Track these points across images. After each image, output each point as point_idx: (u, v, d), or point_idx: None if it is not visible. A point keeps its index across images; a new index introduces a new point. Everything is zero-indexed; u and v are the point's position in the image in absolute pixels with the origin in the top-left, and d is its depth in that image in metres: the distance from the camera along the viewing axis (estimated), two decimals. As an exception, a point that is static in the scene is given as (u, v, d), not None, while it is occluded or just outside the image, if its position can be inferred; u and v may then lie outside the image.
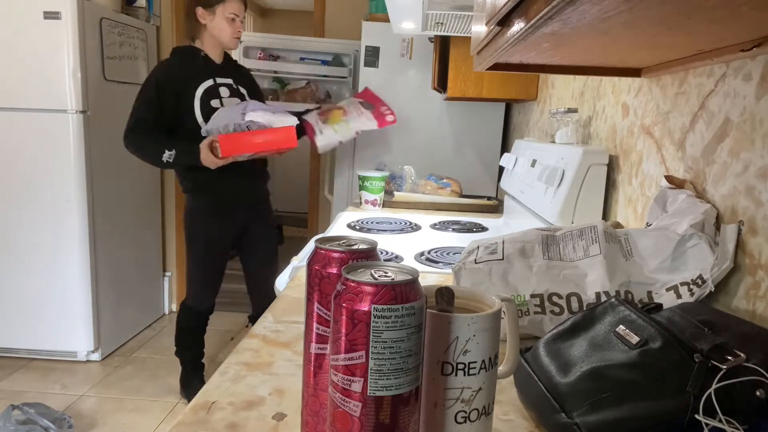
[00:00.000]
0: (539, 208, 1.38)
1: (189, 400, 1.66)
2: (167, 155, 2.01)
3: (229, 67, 2.23)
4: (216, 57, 2.16)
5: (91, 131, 2.62)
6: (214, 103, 2.11)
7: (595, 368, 0.55)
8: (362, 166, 2.56)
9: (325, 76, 3.25)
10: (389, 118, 2.21)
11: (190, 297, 2.36)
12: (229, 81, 2.17)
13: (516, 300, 0.80)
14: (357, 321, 0.41)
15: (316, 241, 0.51)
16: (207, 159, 1.99)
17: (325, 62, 3.28)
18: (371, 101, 2.23)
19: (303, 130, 2.21)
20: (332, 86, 3.28)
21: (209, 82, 2.11)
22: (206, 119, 2.07)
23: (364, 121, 2.18)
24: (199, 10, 2.07)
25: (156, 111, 2.05)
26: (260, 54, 3.32)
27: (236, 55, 3.39)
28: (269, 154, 2.05)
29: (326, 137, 2.16)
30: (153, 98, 2.05)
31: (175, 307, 3.53)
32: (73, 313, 2.70)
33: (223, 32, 2.09)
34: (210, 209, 2.21)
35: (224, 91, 2.14)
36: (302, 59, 3.30)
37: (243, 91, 2.20)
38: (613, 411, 0.51)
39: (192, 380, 2.43)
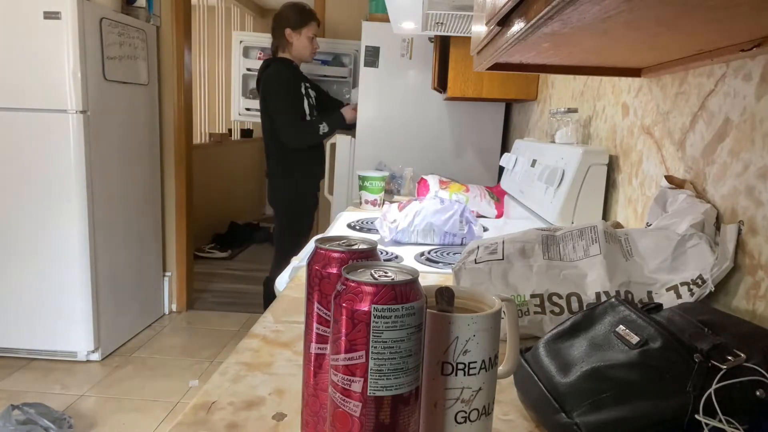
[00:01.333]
0: (539, 208, 1.38)
1: None
2: (323, 127, 2.56)
3: (302, 74, 2.74)
4: (298, 66, 2.69)
5: (91, 131, 2.62)
6: (310, 100, 2.65)
7: (595, 368, 0.55)
8: (362, 166, 2.56)
9: (325, 76, 3.26)
10: None
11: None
12: (308, 84, 2.69)
13: (516, 300, 0.80)
14: (357, 321, 0.41)
15: (316, 241, 0.51)
16: (347, 113, 2.61)
17: (325, 62, 3.29)
18: None
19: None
20: (332, 86, 3.28)
21: (303, 85, 2.63)
22: (310, 113, 2.64)
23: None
24: (287, 31, 2.57)
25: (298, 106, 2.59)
26: (260, 54, 3.32)
27: (236, 54, 3.40)
28: None
29: None
30: (291, 98, 2.56)
31: (175, 307, 3.53)
32: (73, 313, 2.70)
33: (305, 50, 2.63)
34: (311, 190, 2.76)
35: (310, 92, 2.69)
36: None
37: (314, 94, 2.75)
38: (613, 411, 0.51)
39: None
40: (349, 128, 2.64)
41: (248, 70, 3.36)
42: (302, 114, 2.59)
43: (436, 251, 1.37)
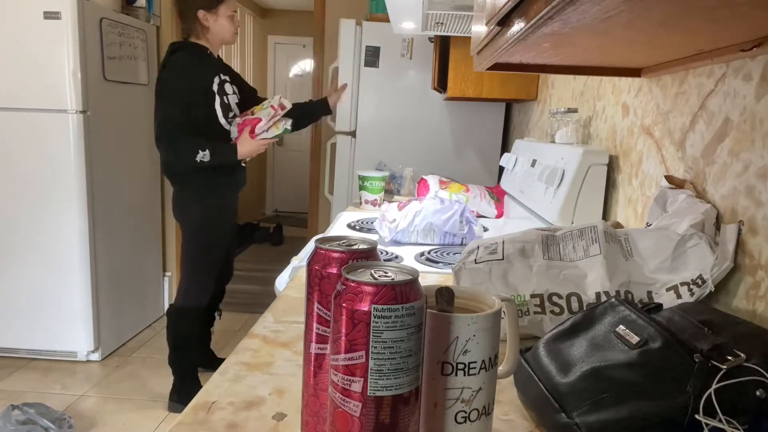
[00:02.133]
0: (539, 208, 1.38)
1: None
2: (203, 155, 2.04)
3: (222, 63, 2.28)
4: (215, 53, 2.22)
5: (91, 131, 2.62)
6: (224, 99, 2.16)
7: (595, 368, 0.55)
8: (362, 166, 2.57)
9: None
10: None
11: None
12: (227, 77, 2.22)
13: (516, 300, 0.80)
14: (357, 321, 0.41)
15: (316, 241, 0.51)
16: (244, 147, 2.11)
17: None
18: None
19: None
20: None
21: (217, 79, 2.15)
22: (224, 115, 2.15)
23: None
24: (201, 13, 2.12)
25: (185, 111, 2.06)
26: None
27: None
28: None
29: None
30: (186, 98, 2.07)
31: (175, 307, 3.53)
32: (73, 313, 2.70)
33: (225, 30, 2.17)
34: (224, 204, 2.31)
35: (228, 88, 2.20)
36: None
37: (235, 89, 2.26)
38: (613, 411, 0.51)
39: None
40: (235, 162, 2.18)
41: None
42: (203, 118, 2.09)
43: (436, 251, 1.37)
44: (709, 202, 0.84)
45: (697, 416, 0.48)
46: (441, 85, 2.26)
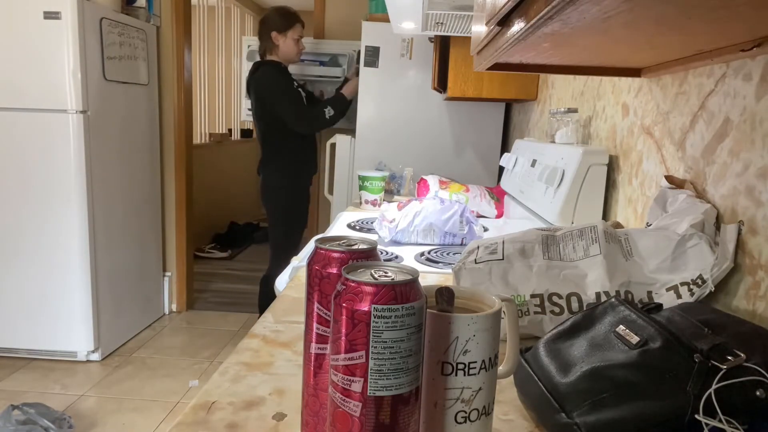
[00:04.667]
0: (539, 208, 1.38)
1: None
2: (327, 111, 2.62)
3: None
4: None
5: (91, 131, 2.62)
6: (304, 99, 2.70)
7: (595, 368, 0.55)
8: (362, 166, 2.56)
9: (320, 76, 3.26)
10: None
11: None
12: (297, 86, 2.72)
13: (516, 300, 0.80)
14: (357, 321, 0.41)
15: (316, 241, 0.51)
16: (348, 90, 2.70)
17: (322, 63, 3.29)
18: None
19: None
20: (327, 86, 3.28)
21: (295, 83, 2.69)
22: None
23: None
24: (273, 34, 2.64)
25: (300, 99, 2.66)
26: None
27: (243, 58, 3.42)
28: None
29: None
30: (290, 93, 2.62)
31: (175, 307, 3.53)
32: (73, 313, 2.70)
33: (292, 51, 2.70)
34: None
35: (301, 93, 2.72)
36: (302, 60, 3.31)
37: (304, 94, 2.78)
38: (613, 411, 0.51)
39: None
40: (346, 109, 2.73)
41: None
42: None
43: (436, 251, 1.37)
44: (709, 202, 0.84)
45: (697, 416, 0.48)
46: (441, 85, 2.26)
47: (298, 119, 2.61)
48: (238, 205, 5.65)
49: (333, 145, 2.76)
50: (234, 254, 4.87)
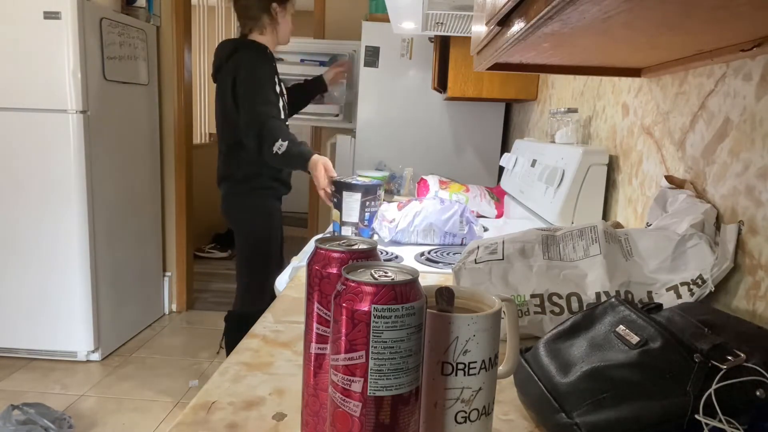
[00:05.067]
0: (539, 208, 1.38)
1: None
2: (277, 145, 1.93)
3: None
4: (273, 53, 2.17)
5: (91, 131, 2.62)
6: (283, 99, 2.12)
7: (595, 368, 0.55)
8: (362, 166, 2.57)
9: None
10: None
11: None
12: (280, 80, 2.16)
13: (516, 300, 0.80)
14: (357, 321, 0.41)
15: (316, 241, 0.51)
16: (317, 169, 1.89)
17: (322, 63, 3.29)
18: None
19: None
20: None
21: (276, 78, 2.10)
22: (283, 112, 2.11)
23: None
24: (274, 6, 2.07)
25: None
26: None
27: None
28: None
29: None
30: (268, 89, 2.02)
31: (175, 307, 3.53)
32: (73, 313, 2.70)
33: (286, 28, 2.15)
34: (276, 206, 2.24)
35: (283, 90, 2.18)
36: (302, 60, 3.31)
37: (284, 89, 2.22)
38: (613, 411, 0.51)
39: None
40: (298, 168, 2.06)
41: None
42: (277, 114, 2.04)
43: (436, 251, 1.37)
44: (709, 202, 0.84)
45: (697, 416, 0.48)
46: (441, 85, 2.26)
47: (250, 117, 1.96)
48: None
49: (333, 145, 2.76)
50: (234, 254, 4.85)
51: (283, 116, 2.06)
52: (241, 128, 2.00)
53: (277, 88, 2.06)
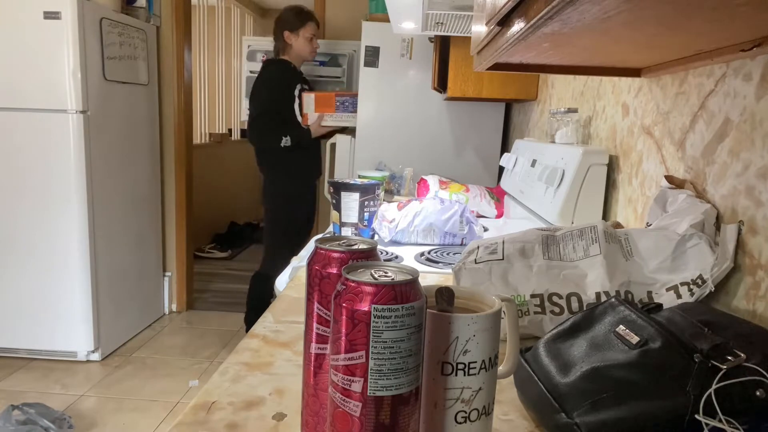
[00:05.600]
0: (539, 208, 1.38)
1: None
2: (285, 140, 2.60)
3: (302, 75, 2.81)
4: (298, 66, 2.75)
5: (91, 131, 2.62)
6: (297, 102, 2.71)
7: (595, 368, 0.55)
8: (362, 166, 2.57)
9: (320, 76, 3.26)
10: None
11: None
12: (306, 86, 2.76)
13: (516, 300, 0.80)
14: (357, 321, 0.41)
15: (316, 241, 0.51)
16: (315, 127, 2.68)
17: (322, 63, 3.30)
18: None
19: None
20: (327, 86, 3.28)
21: (299, 86, 2.69)
22: (300, 114, 2.72)
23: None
24: (286, 33, 2.66)
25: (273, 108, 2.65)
26: (263, 57, 3.33)
27: (243, 57, 3.42)
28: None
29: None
30: (270, 99, 2.63)
31: (175, 307, 3.53)
32: (73, 313, 2.70)
33: (304, 50, 2.70)
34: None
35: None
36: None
37: None
38: (613, 411, 0.51)
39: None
40: (318, 139, 2.75)
41: (251, 72, 3.36)
42: (285, 115, 2.65)
43: (436, 251, 1.37)
44: (709, 202, 0.84)
45: (697, 416, 0.48)
46: (441, 85, 2.26)
47: (253, 124, 2.63)
48: (238, 205, 5.65)
49: (333, 145, 2.77)
50: (234, 254, 4.87)
51: (299, 113, 2.70)
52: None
53: (296, 92, 2.66)
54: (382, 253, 1.33)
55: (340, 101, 2.70)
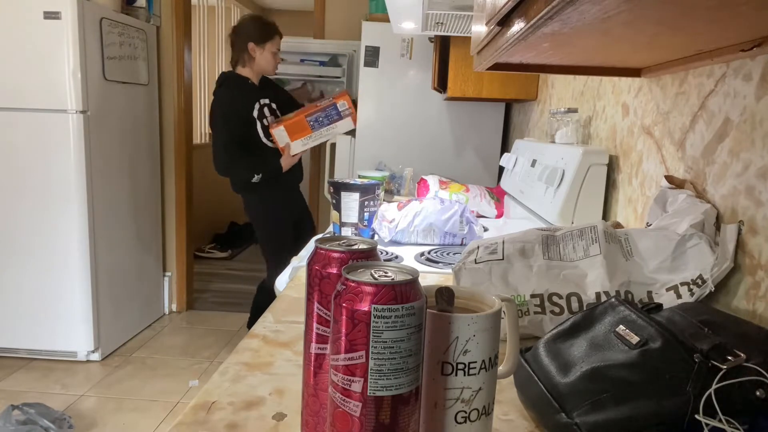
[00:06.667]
0: (539, 208, 1.38)
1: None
2: (256, 178, 2.51)
3: (263, 86, 2.61)
4: (255, 81, 2.58)
5: (91, 131, 2.62)
6: (264, 122, 2.54)
7: (595, 368, 0.55)
8: (362, 166, 2.57)
9: (320, 76, 3.26)
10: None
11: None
12: (267, 101, 2.57)
13: (516, 300, 0.80)
14: (357, 321, 0.41)
15: (316, 241, 0.51)
16: (285, 162, 2.53)
17: (322, 63, 3.30)
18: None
19: None
20: (327, 86, 3.29)
21: (257, 105, 2.52)
22: (266, 136, 2.54)
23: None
24: (251, 45, 2.48)
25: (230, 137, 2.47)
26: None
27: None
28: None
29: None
30: (229, 131, 2.46)
31: (175, 307, 3.53)
32: (73, 313, 2.70)
33: (269, 64, 2.55)
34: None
35: (267, 111, 2.57)
36: (302, 60, 3.31)
37: (275, 106, 2.61)
38: (613, 411, 0.51)
39: None
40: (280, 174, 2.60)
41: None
42: (250, 143, 2.51)
43: (436, 251, 1.37)
44: (709, 202, 0.84)
45: (697, 416, 0.48)
46: (441, 85, 2.26)
47: (219, 158, 2.47)
48: (238, 205, 5.62)
49: (333, 145, 2.76)
50: (234, 254, 4.87)
51: (264, 135, 2.54)
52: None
53: (255, 113, 2.50)
54: (382, 253, 1.33)
55: (313, 119, 2.50)
